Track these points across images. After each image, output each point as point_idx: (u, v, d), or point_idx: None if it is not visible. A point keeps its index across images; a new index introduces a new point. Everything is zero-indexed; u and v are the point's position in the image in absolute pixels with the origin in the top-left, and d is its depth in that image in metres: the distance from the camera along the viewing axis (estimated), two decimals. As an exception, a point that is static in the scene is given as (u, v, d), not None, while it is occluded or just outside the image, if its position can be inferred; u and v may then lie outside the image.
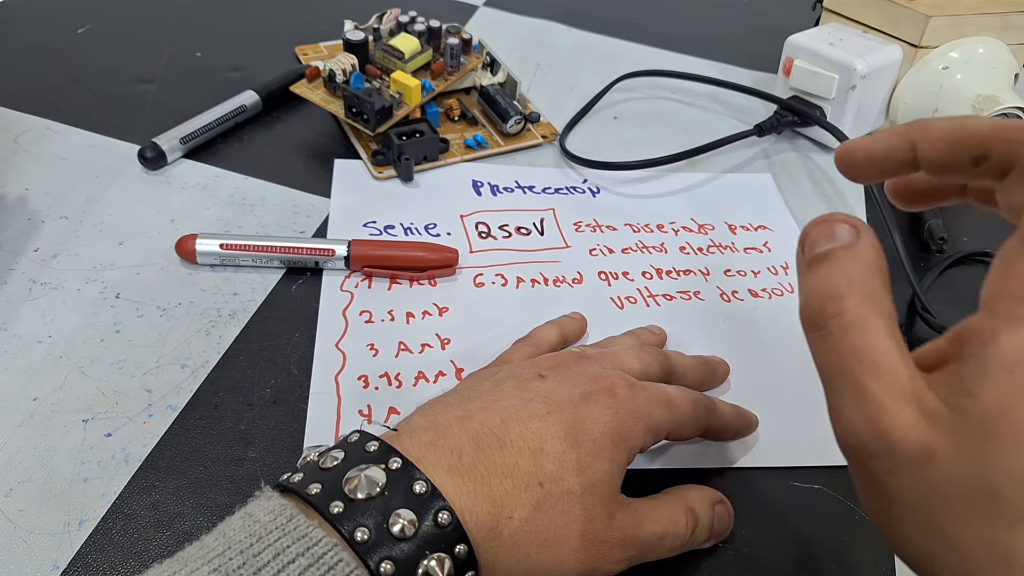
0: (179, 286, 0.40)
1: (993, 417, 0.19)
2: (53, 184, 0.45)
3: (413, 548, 0.23)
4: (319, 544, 0.22)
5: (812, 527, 0.32)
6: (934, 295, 0.44)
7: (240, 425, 0.34)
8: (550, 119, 0.54)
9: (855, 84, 0.50)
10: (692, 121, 0.56)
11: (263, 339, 0.38)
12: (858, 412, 0.21)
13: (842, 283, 0.22)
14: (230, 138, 0.50)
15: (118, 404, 0.34)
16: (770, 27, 0.64)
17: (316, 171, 0.48)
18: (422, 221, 0.45)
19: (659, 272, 0.44)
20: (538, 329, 0.37)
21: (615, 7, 0.70)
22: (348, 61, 0.48)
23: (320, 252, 0.40)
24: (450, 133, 0.51)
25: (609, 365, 0.31)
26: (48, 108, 0.50)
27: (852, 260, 0.22)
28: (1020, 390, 0.19)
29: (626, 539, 0.27)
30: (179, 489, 0.31)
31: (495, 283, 0.42)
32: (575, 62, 0.61)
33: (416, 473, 0.24)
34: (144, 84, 0.54)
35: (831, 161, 0.53)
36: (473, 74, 0.53)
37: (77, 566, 0.29)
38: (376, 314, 0.39)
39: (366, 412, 0.35)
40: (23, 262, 0.40)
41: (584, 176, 0.50)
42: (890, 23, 0.51)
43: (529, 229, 0.45)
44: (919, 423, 0.20)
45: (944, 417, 0.20)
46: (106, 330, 0.37)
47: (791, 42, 0.53)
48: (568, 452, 0.26)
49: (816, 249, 0.23)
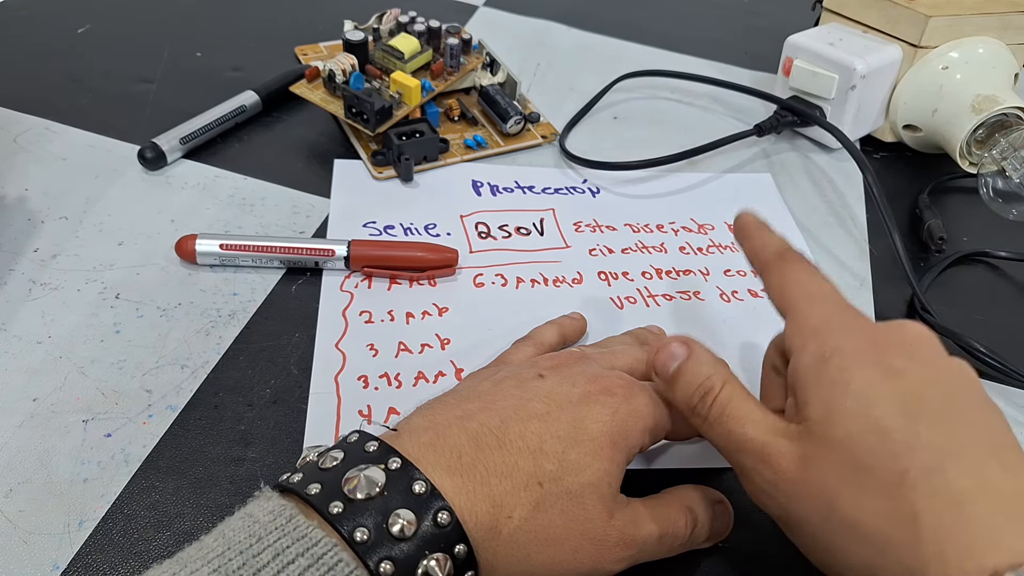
0: (179, 286, 0.40)
1: (823, 408, 0.25)
2: (53, 184, 0.45)
3: (413, 548, 0.23)
4: (319, 544, 0.22)
5: (812, 527, 0.32)
6: (933, 295, 0.44)
7: (240, 425, 0.34)
8: (550, 119, 0.54)
9: (855, 84, 0.50)
10: (692, 121, 0.56)
11: (263, 339, 0.38)
12: (752, 458, 0.27)
13: (700, 381, 0.28)
14: (230, 138, 0.50)
15: (118, 404, 0.34)
16: (770, 27, 0.64)
17: (316, 171, 0.48)
18: (422, 221, 0.45)
19: (659, 272, 0.44)
20: (538, 329, 0.37)
21: (615, 7, 0.70)
22: (348, 61, 0.48)
23: (320, 252, 0.40)
24: (450, 133, 0.51)
25: (609, 365, 0.31)
26: (48, 108, 0.50)
27: (697, 364, 0.28)
28: (828, 381, 0.26)
29: (625, 539, 0.27)
30: (179, 489, 0.31)
31: (495, 283, 0.42)
32: (575, 62, 0.61)
33: (415, 473, 0.24)
34: (144, 84, 0.54)
35: (831, 161, 0.53)
36: (473, 74, 0.53)
37: (77, 566, 0.29)
38: (376, 314, 0.39)
39: (366, 412, 0.35)
40: (23, 262, 0.40)
41: (584, 176, 0.50)
42: (890, 23, 0.51)
43: (529, 229, 0.45)
44: (789, 443, 0.26)
45: (802, 432, 0.26)
46: (106, 330, 0.37)
47: (791, 42, 0.53)
48: (567, 452, 0.26)
49: (668, 371, 0.29)
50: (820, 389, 0.26)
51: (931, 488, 0.23)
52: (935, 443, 0.24)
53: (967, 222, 0.50)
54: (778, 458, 0.26)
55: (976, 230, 0.49)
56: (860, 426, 0.24)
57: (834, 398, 0.25)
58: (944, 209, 0.50)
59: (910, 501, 0.23)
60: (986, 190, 0.48)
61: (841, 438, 0.25)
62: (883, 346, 0.26)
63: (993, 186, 0.48)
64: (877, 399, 0.25)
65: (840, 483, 0.24)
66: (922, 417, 0.24)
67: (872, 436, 0.24)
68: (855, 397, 0.25)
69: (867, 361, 0.26)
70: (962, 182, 0.52)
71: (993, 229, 0.49)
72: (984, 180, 0.48)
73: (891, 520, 0.23)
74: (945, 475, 0.23)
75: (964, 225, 0.49)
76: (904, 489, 0.23)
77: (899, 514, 0.23)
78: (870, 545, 0.24)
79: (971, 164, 0.50)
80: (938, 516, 0.23)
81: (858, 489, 0.24)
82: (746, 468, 0.27)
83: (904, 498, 0.23)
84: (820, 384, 0.26)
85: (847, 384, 0.25)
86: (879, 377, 0.25)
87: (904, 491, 0.23)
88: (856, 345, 0.26)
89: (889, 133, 0.54)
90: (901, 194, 0.51)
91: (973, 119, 0.48)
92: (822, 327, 0.27)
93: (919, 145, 0.54)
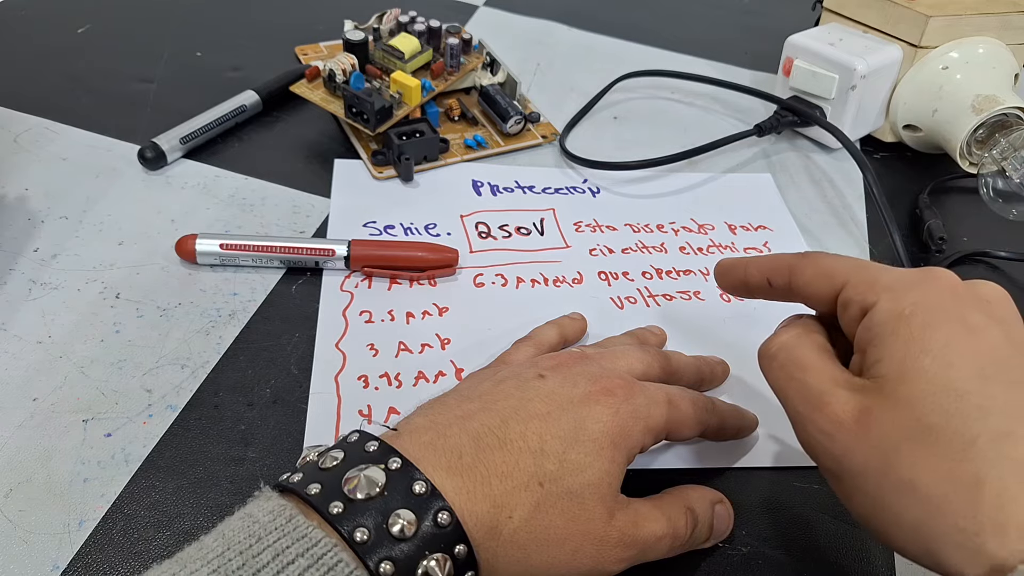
0: (179, 286, 0.40)
1: (898, 365, 0.24)
2: (53, 184, 0.45)
3: (413, 548, 0.23)
4: (319, 545, 0.22)
5: (812, 527, 0.32)
6: (934, 295, 0.44)
7: (240, 425, 0.34)
8: (550, 119, 0.54)
9: (855, 84, 0.50)
10: (692, 121, 0.56)
11: (263, 339, 0.38)
12: (806, 405, 0.26)
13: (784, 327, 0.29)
14: (230, 138, 0.50)
15: (118, 404, 0.34)
16: (770, 27, 0.64)
17: (316, 171, 0.48)
18: (422, 221, 0.45)
19: (659, 272, 0.44)
20: (538, 329, 0.37)
21: (615, 7, 0.70)
22: (348, 61, 0.48)
23: (320, 252, 0.40)
24: (450, 133, 0.51)
25: (609, 365, 0.31)
26: (48, 108, 0.50)
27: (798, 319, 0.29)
28: (906, 337, 0.25)
29: (626, 539, 0.27)
30: (179, 489, 0.31)
31: (495, 283, 0.42)
32: (575, 62, 0.61)
33: (416, 473, 0.24)
34: (144, 84, 0.54)
35: (831, 161, 0.53)
36: (473, 74, 0.53)
37: (77, 566, 0.29)
38: (376, 314, 0.39)
39: (366, 412, 0.35)
40: (23, 262, 0.40)
41: (584, 176, 0.50)
42: (890, 23, 0.51)
43: (529, 229, 0.45)
44: (852, 396, 0.25)
45: (870, 386, 0.25)
46: (106, 330, 0.37)
47: (791, 42, 0.53)
48: (568, 452, 0.26)
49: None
50: (896, 346, 0.25)
51: (1000, 453, 0.22)
52: (1009, 408, 0.23)
53: (967, 222, 0.50)
54: (836, 408, 0.25)
55: (976, 230, 0.49)
56: (934, 385, 0.24)
57: (911, 355, 0.24)
58: (944, 209, 0.50)
59: (976, 465, 0.22)
60: (986, 190, 0.48)
61: (912, 396, 0.24)
62: (963, 300, 0.25)
63: (993, 186, 0.48)
64: (955, 358, 0.24)
65: (903, 441, 0.24)
66: (998, 380, 0.24)
67: (945, 397, 0.23)
68: (933, 355, 0.24)
69: (947, 316, 0.25)
70: (962, 182, 0.52)
71: (993, 229, 0.49)
72: (984, 180, 0.48)
73: (952, 483, 0.23)
74: (1016, 442, 0.23)
75: (964, 225, 0.49)
76: (972, 452, 0.23)
77: (962, 477, 0.23)
78: (926, 506, 0.23)
79: (971, 164, 0.50)
80: (1003, 482, 0.22)
81: (922, 449, 0.23)
82: (800, 415, 0.26)
83: (970, 461, 0.22)
84: (897, 341, 0.25)
85: (926, 341, 0.24)
86: (959, 334, 0.24)
87: (971, 454, 0.23)
88: (936, 299, 0.25)
89: (889, 133, 0.54)
90: (901, 194, 0.51)
91: (973, 119, 0.48)
92: (896, 283, 0.26)
93: (919, 145, 0.54)
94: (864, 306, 0.26)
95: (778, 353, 0.28)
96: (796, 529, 0.32)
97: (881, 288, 0.26)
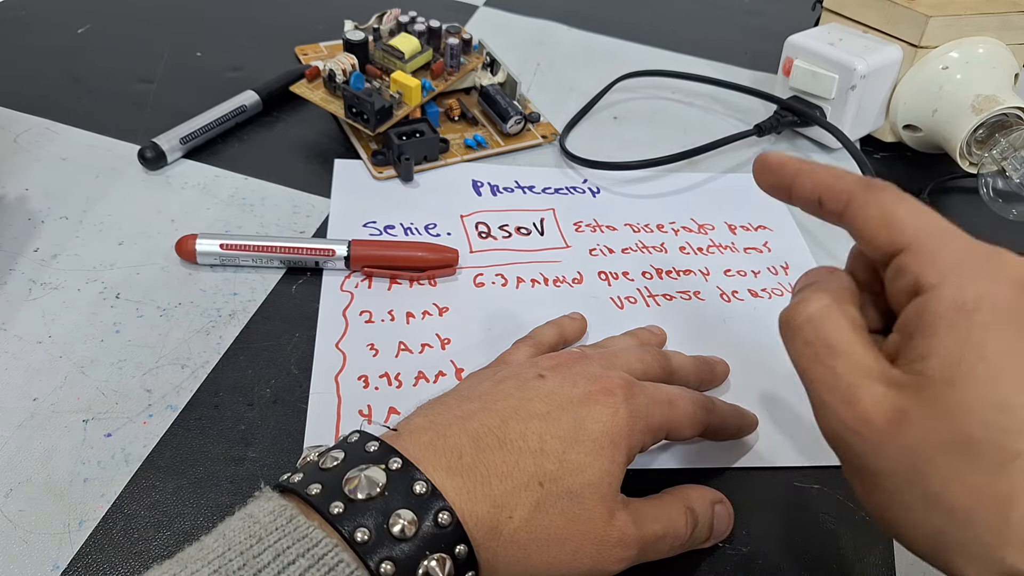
0: (179, 286, 0.40)
1: (949, 368, 0.22)
2: (53, 184, 0.45)
3: (413, 548, 0.23)
4: (319, 545, 0.22)
5: (812, 527, 0.32)
6: (934, 295, 0.44)
7: (240, 425, 0.34)
8: (550, 119, 0.54)
9: (855, 84, 0.50)
10: (692, 121, 0.56)
11: (263, 339, 0.38)
12: (833, 395, 0.23)
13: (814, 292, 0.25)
14: (230, 138, 0.50)
15: (118, 404, 0.34)
16: (770, 27, 0.64)
17: (316, 171, 0.48)
18: (422, 221, 0.45)
19: (659, 272, 0.44)
20: (538, 329, 0.37)
21: (615, 7, 0.70)
22: (348, 61, 0.48)
23: (320, 252, 0.40)
24: (450, 133, 0.51)
25: (609, 365, 0.31)
26: (48, 108, 0.50)
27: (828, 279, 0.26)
28: (964, 337, 0.22)
29: (626, 539, 0.27)
30: (179, 489, 0.31)
31: (495, 283, 0.42)
32: (575, 62, 0.61)
33: (416, 473, 0.24)
34: (144, 84, 0.54)
35: (831, 161, 0.53)
36: (473, 74, 0.53)
37: (77, 566, 0.29)
38: (376, 314, 0.39)
39: (366, 412, 0.35)
40: (23, 262, 0.40)
41: (584, 176, 0.50)
42: (890, 23, 0.51)
43: (529, 229, 0.45)
44: (887, 392, 0.22)
45: (909, 383, 0.22)
46: (106, 330, 0.37)
47: (791, 42, 0.53)
48: (568, 452, 0.26)
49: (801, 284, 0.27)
50: (952, 345, 0.22)
51: None
52: None
53: (967, 222, 0.49)
54: (867, 405, 0.22)
55: (976, 230, 0.48)
56: (983, 396, 0.21)
57: (967, 360, 0.21)
58: (944, 209, 0.50)
59: (1010, 483, 0.21)
60: (986, 190, 0.48)
61: (959, 406, 0.21)
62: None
63: (993, 186, 0.48)
64: (1010, 367, 0.21)
65: (937, 451, 0.21)
66: None
67: (992, 410, 0.21)
68: (988, 363, 0.21)
69: (1011, 318, 0.22)
70: (962, 182, 0.52)
71: (993, 229, 0.49)
72: (984, 180, 0.48)
73: (983, 498, 0.21)
74: None
75: (964, 225, 0.49)
76: (1010, 469, 0.21)
77: (994, 494, 0.21)
78: (950, 517, 0.22)
79: (971, 164, 0.50)
80: None
81: (956, 461, 0.21)
82: (825, 405, 0.23)
83: (1006, 479, 0.21)
84: (953, 339, 0.22)
85: (985, 346, 0.21)
86: (1018, 340, 0.22)
87: (1009, 471, 0.21)
88: (1004, 295, 0.22)
89: (889, 133, 0.54)
90: (901, 194, 0.51)
91: (973, 119, 0.48)
92: (963, 265, 0.23)
93: (919, 145, 0.54)
94: (921, 284, 0.23)
95: (804, 326, 0.24)
96: (796, 529, 0.32)
97: (945, 267, 0.23)
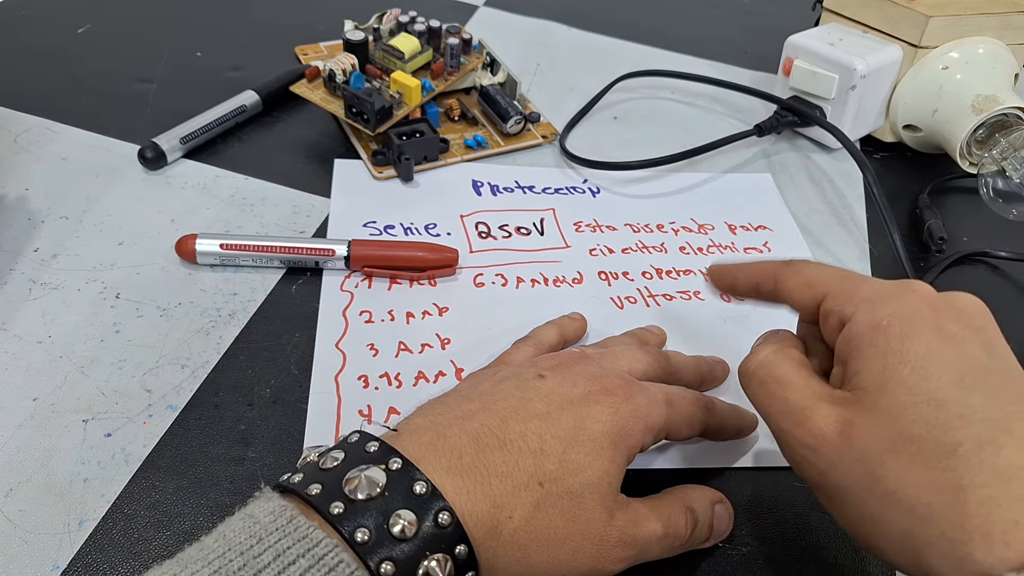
0: (179, 286, 0.40)
1: (877, 376, 0.25)
2: (53, 184, 0.45)
3: (413, 549, 0.23)
4: (320, 545, 0.22)
5: (812, 527, 0.32)
6: (934, 295, 0.44)
7: (240, 425, 0.34)
8: (550, 119, 0.54)
9: (855, 84, 0.50)
10: (692, 121, 0.56)
11: (263, 339, 0.38)
12: (788, 420, 0.26)
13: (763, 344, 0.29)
14: (230, 138, 0.50)
15: (118, 404, 0.34)
16: (770, 27, 0.64)
17: (316, 171, 0.48)
18: (422, 221, 0.45)
19: (659, 272, 0.44)
20: (538, 329, 0.37)
21: (615, 7, 0.70)
22: (348, 61, 0.48)
23: (320, 252, 0.40)
24: (450, 133, 0.51)
25: (609, 365, 0.31)
26: (48, 108, 0.50)
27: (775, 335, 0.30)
28: (883, 349, 0.25)
29: (625, 539, 0.27)
30: (179, 489, 0.31)
31: (495, 283, 0.42)
32: (575, 62, 0.61)
33: (416, 474, 0.24)
34: (144, 84, 0.54)
35: (831, 161, 0.53)
36: (473, 74, 0.53)
37: (77, 566, 0.29)
38: (376, 314, 0.39)
39: (366, 412, 0.35)
40: (23, 262, 0.40)
41: (584, 176, 0.50)
42: (890, 23, 0.51)
43: (529, 229, 0.45)
44: (833, 409, 0.26)
45: (850, 398, 0.25)
46: (106, 330, 0.37)
47: (791, 42, 0.53)
48: (568, 452, 0.26)
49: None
50: (875, 357, 0.25)
51: (981, 462, 0.23)
52: (990, 416, 0.23)
53: (967, 222, 0.50)
54: (818, 422, 0.25)
55: (976, 230, 0.49)
56: (914, 396, 0.24)
57: (890, 366, 0.25)
58: (944, 209, 0.50)
59: (958, 474, 0.23)
60: (986, 190, 0.48)
61: (892, 407, 0.24)
62: (940, 311, 0.26)
63: (993, 186, 0.48)
64: (934, 368, 0.24)
65: (885, 452, 0.24)
66: (976, 389, 0.24)
67: (925, 406, 0.24)
68: (912, 366, 0.24)
69: (924, 327, 0.25)
70: (962, 182, 0.52)
71: (993, 229, 0.49)
72: (984, 180, 0.48)
73: (936, 492, 0.23)
74: (997, 449, 0.23)
75: (964, 225, 0.49)
76: (953, 461, 0.23)
77: (945, 486, 0.23)
78: (912, 516, 0.23)
79: (971, 164, 0.50)
80: (987, 490, 0.22)
81: (904, 459, 0.23)
82: (783, 431, 0.27)
83: (953, 470, 0.23)
84: (875, 352, 0.25)
85: (904, 352, 0.25)
86: (937, 343, 0.25)
87: (953, 463, 0.23)
88: (913, 310, 0.26)
89: (889, 133, 0.54)
90: (901, 194, 0.51)
91: (973, 119, 0.48)
92: (874, 295, 0.27)
93: (919, 145, 0.54)
94: (843, 317, 0.27)
95: (757, 371, 0.28)
96: (796, 529, 0.32)
97: (859, 300, 0.27)
